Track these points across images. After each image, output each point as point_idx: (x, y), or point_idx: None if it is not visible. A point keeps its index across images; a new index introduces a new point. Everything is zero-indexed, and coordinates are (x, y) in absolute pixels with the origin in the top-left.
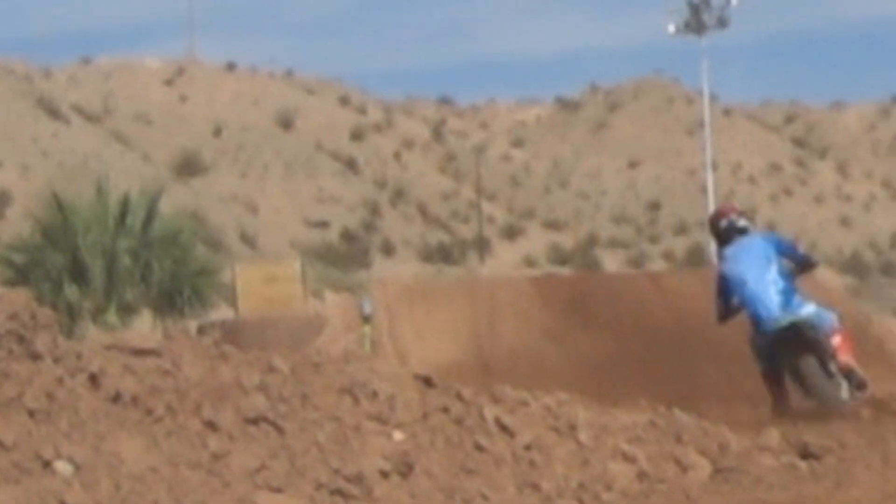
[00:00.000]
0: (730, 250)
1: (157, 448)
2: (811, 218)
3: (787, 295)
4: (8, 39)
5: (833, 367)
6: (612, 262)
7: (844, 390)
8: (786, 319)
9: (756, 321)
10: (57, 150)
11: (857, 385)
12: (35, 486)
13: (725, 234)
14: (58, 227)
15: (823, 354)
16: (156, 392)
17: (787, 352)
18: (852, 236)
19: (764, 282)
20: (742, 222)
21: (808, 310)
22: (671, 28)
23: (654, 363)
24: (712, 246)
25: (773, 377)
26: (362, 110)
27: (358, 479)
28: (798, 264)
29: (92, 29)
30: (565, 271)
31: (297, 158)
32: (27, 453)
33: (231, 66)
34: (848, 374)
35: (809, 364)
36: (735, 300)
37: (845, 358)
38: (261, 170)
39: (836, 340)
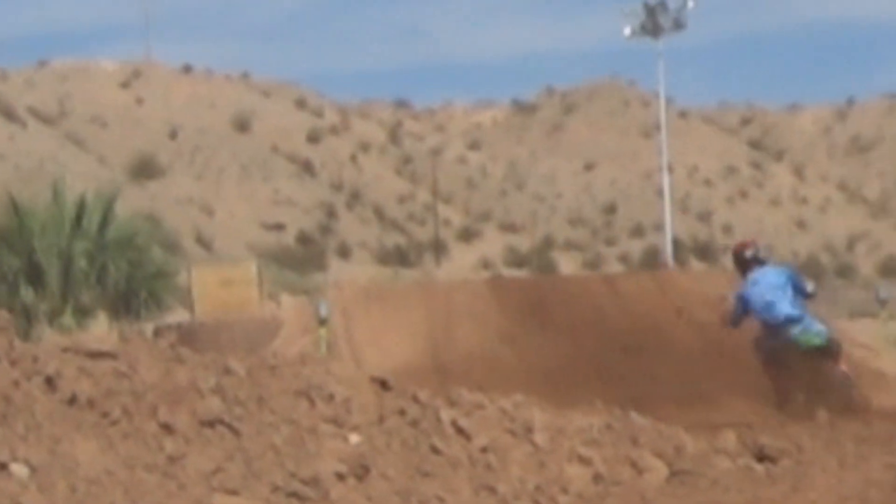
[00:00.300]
0: (752, 277)
1: (113, 450)
2: (767, 220)
3: (803, 311)
4: None
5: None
6: (568, 265)
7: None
8: (819, 338)
9: (775, 329)
10: (13, 152)
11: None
12: None
13: (748, 264)
14: (13, 230)
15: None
16: (112, 395)
17: (814, 359)
18: (808, 239)
19: (785, 300)
20: (762, 254)
21: (826, 329)
22: (627, 31)
23: (609, 366)
24: (668, 248)
25: (779, 373)
26: (318, 113)
27: (314, 481)
28: (800, 293)
29: (48, 31)
30: (521, 274)
31: (254, 161)
32: None
33: (187, 69)
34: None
35: (834, 370)
36: (754, 313)
37: (845, 367)
38: (217, 172)
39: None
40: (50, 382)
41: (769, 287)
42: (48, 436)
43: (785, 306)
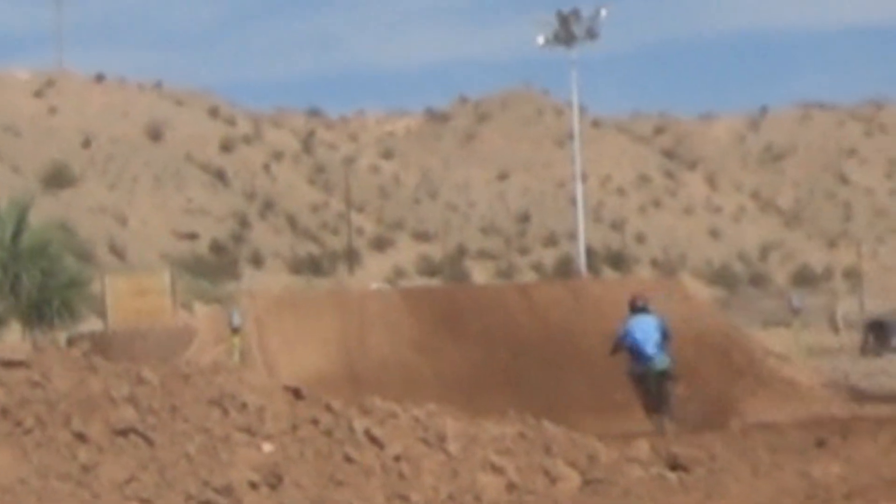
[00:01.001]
0: (635, 319)
1: (26, 459)
2: (680, 229)
3: (660, 349)
4: None
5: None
6: (481, 274)
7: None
8: (660, 366)
9: (640, 358)
10: None
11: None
12: None
13: (636, 310)
14: None
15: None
16: (25, 404)
17: (656, 381)
18: (721, 248)
19: (651, 339)
20: (645, 305)
21: (669, 361)
22: (540, 39)
23: (523, 375)
24: (582, 258)
25: (641, 388)
26: (231, 122)
27: (227, 490)
28: (665, 336)
29: None
30: (434, 283)
31: (167, 170)
32: None
33: (100, 78)
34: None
35: (667, 390)
36: (628, 345)
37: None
38: (130, 181)
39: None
40: None
41: (644, 330)
42: None
43: (650, 346)
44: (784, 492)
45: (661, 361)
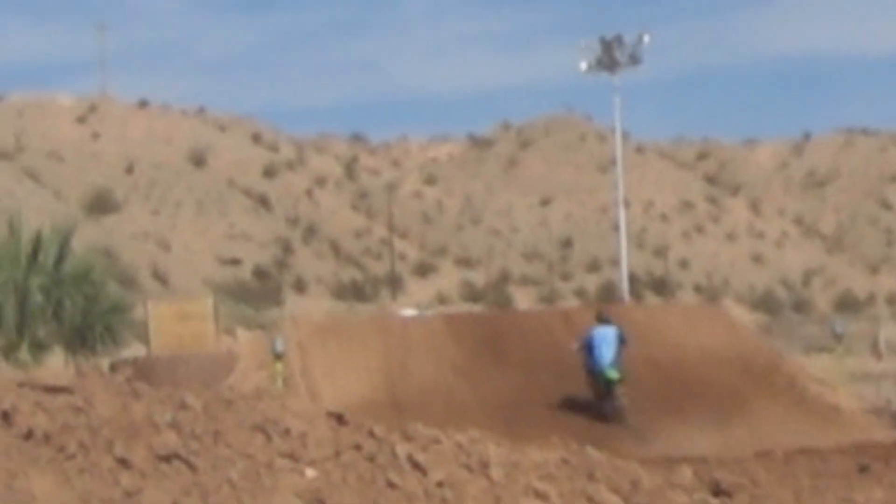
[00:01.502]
0: (600, 328)
1: (69, 485)
2: (723, 255)
3: (616, 358)
4: None
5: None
6: (523, 300)
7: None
8: (610, 375)
9: (597, 363)
10: None
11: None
12: None
13: (603, 321)
14: None
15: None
16: (68, 429)
17: (606, 385)
18: (764, 274)
19: (609, 347)
20: (609, 318)
21: (619, 373)
22: (583, 65)
23: (565, 400)
24: (624, 283)
25: (594, 379)
26: (274, 147)
27: None
28: (622, 342)
29: (4, 66)
30: (477, 308)
31: (210, 195)
32: None
33: (143, 104)
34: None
35: (617, 394)
36: (589, 348)
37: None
38: (173, 207)
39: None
40: (6, 417)
41: (605, 339)
42: (4, 470)
43: (608, 353)
44: None
45: (612, 372)
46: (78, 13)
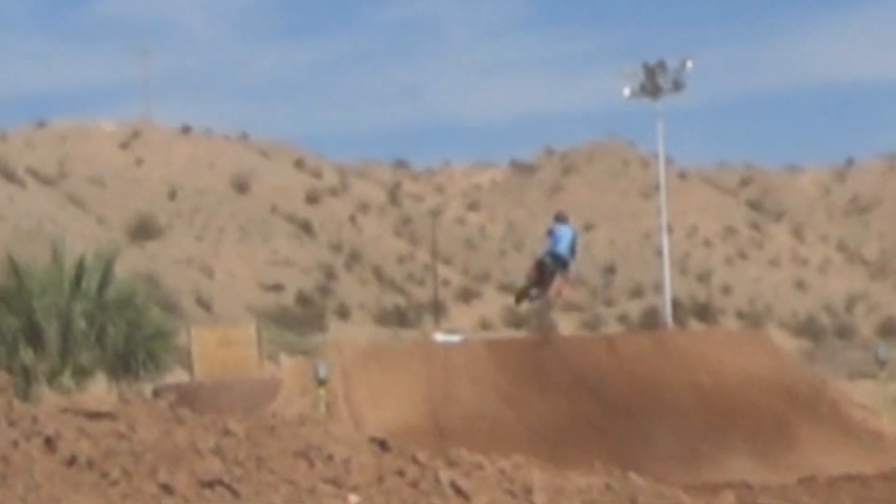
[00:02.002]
0: (560, 226)
1: None
2: (766, 281)
3: (571, 250)
4: None
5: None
6: (566, 326)
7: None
8: (561, 252)
9: (553, 246)
10: (12, 213)
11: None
12: None
13: (562, 220)
14: (13, 290)
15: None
16: (111, 455)
17: (552, 266)
18: (807, 300)
19: (565, 240)
20: (567, 218)
21: (570, 256)
22: (626, 91)
23: (609, 426)
24: (668, 309)
25: (538, 273)
26: (317, 173)
27: None
28: (572, 246)
29: (47, 92)
30: (520, 334)
31: (253, 221)
32: None
33: (186, 130)
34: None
35: (554, 276)
36: (550, 235)
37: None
38: (216, 233)
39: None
40: (49, 443)
41: (563, 235)
42: (48, 497)
43: (563, 247)
44: None
45: (564, 252)
46: (121, 39)
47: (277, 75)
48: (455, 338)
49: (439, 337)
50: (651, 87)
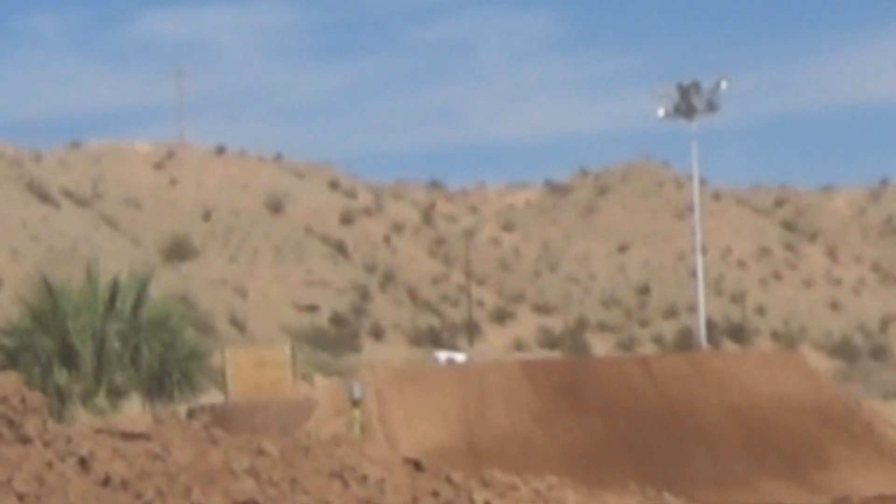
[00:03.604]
0: None
1: None
2: (801, 302)
3: None
4: None
5: None
6: (601, 346)
7: None
8: None
9: None
10: (47, 233)
11: None
12: None
13: None
14: (47, 311)
15: None
16: (145, 476)
17: None
18: (842, 320)
19: None
20: None
21: None
22: (661, 112)
23: (643, 446)
24: (702, 330)
25: None
26: (352, 194)
27: None
28: None
29: (81, 113)
30: (555, 355)
31: (287, 242)
32: None
33: (220, 150)
34: None
35: None
36: None
37: None
38: (250, 253)
39: None
40: (84, 464)
41: None
42: None
43: None
44: None
45: None
46: (156, 60)
47: (311, 96)
48: (459, 356)
49: (441, 356)
50: (685, 107)
